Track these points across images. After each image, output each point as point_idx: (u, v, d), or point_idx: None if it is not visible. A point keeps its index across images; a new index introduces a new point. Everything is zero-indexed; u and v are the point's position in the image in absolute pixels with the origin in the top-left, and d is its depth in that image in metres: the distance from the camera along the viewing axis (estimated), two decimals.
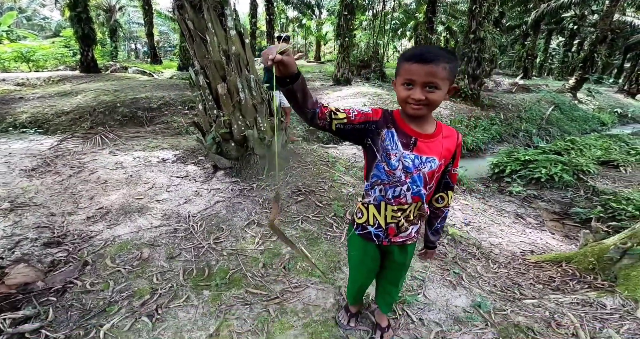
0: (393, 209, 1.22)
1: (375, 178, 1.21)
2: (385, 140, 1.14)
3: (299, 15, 28.67)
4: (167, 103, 7.82)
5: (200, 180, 3.16)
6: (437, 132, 1.17)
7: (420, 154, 1.14)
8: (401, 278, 1.53)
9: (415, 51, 1.04)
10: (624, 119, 12.81)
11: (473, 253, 2.81)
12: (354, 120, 1.10)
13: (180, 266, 2.11)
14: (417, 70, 1.01)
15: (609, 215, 4.32)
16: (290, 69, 0.92)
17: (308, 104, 1.03)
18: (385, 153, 1.14)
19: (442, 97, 1.05)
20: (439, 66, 0.99)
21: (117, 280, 1.96)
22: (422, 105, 1.05)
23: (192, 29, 3.03)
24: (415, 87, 1.03)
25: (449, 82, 1.04)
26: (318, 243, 2.46)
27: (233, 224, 2.55)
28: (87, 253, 2.16)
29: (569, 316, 1.90)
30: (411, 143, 1.14)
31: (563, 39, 26.62)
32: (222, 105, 3.07)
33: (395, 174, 1.16)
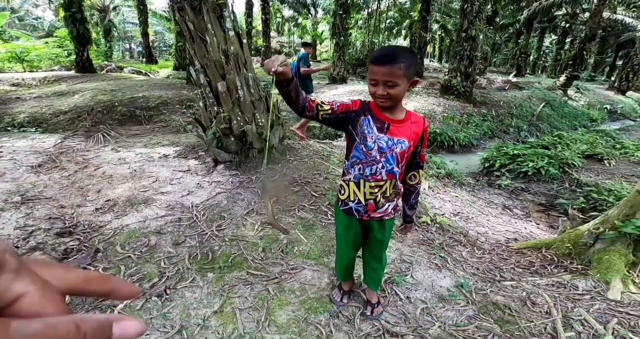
0: (370, 185, 1.43)
1: (354, 158, 1.43)
2: (363, 125, 1.36)
3: (294, 14, 28.77)
4: (165, 102, 7.91)
5: (202, 174, 3.31)
6: (406, 119, 1.38)
7: (392, 136, 1.36)
8: (383, 253, 1.72)
9: (376, 54, 1.26)
10: (614, 115, 13.09)
11: (460, 240, 2.99)
12: (336, 110, 1.33)
13: (186, 252, 2.26)
14: (377, 71, 1.23)
15: (591, 206, 4.53)
16: (287, 76, 1.15)
17: (300, 100, 1.27)
18: (362, 137, 1.36)
19: (402, 91, 1.26)
20: (394, 66, 1.20)
21: (128, 265, 2.11)
22: (385, 99, 1.27)
23: (193, 30, 3.17)
24: (378, 85, 1.25)
25: (407, 78, 1.24)
26: (314, 229, 2.63)
27: (234, 213, 2.71)
28: (98, 241, 2.31)
29: (544, 296, 2.08)
30: (385, 127, 1.35)
31: (556, 37, 26.95)
32: (222, 102, 3.23)
33: (371, 154, 1.38)
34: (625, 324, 1.84)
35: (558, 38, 26.09)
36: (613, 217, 2.64)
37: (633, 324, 1.82)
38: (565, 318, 1.90)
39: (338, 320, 1.83)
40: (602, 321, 1.87)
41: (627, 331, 1.76)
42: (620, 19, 18.68)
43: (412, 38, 15.97)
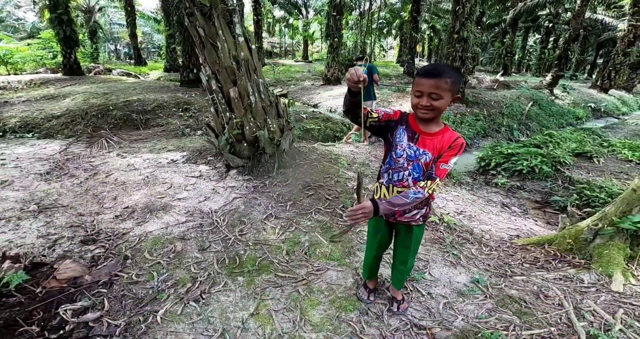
0: (398, 190, 1.53)
1: (387, 164, 1.55)
2: (397, 134, 1.48)
3: (285, 15, 28.74)
4: (161, 105, 7.84)
5: (215, 179, 3.36)
6: (439, 133, 1.45)
7: (419, 147, 1.45)
8: (409, 258, 1.80)
9: (426, 68, 1.36)
10: (597, 113, 13.58)
11: (467, 238, 3.13)
12: (381, 119, 1.45)
13: (213, 256, 2.32)
14: (424, 83, 1.32)
15: (584, 202, 4.75)
16: (365, 85, 1.25)
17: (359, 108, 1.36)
18: (395, 145, 1.48)
19: (445, 104, 1.35)
20: (441, 80, 1.29)
21: (159, 271, 2.16)
22: (428, 110, 1.35)
23: (203, 35, 3.21)
24: (423, 96, 1.33)
25: (452, 93, 1.34)
26: (331, 231, 2.71)
27: (253, 217, 2.78)
28: (125, 248, 2.35)
29: (554, 290, 2.22)
30: (415, 137, 1.46)
31: (539, 37, 27.69)
32: (234, 108, 3.28)
33: (400, 161, 1.49)
34: (631, 314, 1.99)
35: (542, 37, 26.82)
36: (610, 214, 2.81)
37: (638, 314, 1.97)
38: (577, 309, 2.05)
39: (367, 317, 1.93)
40: (610, 312, 2.02)
41: (634, 320, 1.91)
42: (600, 18, 19.38)
43: (403, 38, 16.21)
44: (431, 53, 28.05)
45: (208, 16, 3.26)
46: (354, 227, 2.56)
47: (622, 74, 15.30)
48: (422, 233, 1.75)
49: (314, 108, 9.31)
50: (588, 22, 16.80)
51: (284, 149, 3.58)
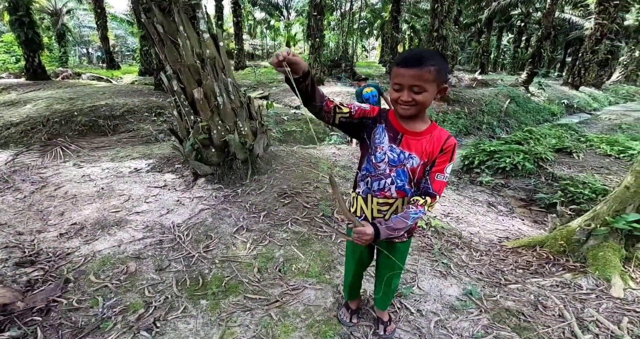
0: (378, 202, 1.29)
1: (364, 170, 1.30)
2: (376, 134, 1.23)
3: (266, 16, 28.39)
4: (132, 110, 7.45)
5: (181, 189, 3.04)
6: (425, 132, 1.21)
7: (404, 150, 1.21)
8: (394, 279, 1.57)
9: (403, 56, 1.12)
10: (571, 109, 13.94)
11: (456, 243, 2.93)
12: (354, 115, 1.21)
13: (172, 277, 2.03)
14: (403, 73, 1.09)
15: (569, 199, 4.68)
16: (302, 67, 1.01)
17: (317, 98, 1.12)
18: (373, 147, 1.24)
19: (429, 98, 1.12)
20: (423, 69, 1.06)
21: (106, 296, 1.87)
22: (410, 106, 1.13)
23: (162, 32, 2.90)
24: (403, 89, 1.11)
25: (437, 83, 1.10)
26: (310, 243, 2.46)
27: (221, 231, 2.49)
28: (67, 270, 2.04)
29: (552, 298, 2.04)
30: (398, 138, 1.21)
31: (512, 36, 28.48)
32: (199, 110, 2.98)
33: (380, 167, 1.24)
34: (636, 322, 1.83)
35: (515, 37, 27.59)
36: (603, 213, 2.67)
37: None
38: (579, 320, 1.86)
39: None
40: (615, 321, 1.85)
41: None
42: (568, 18, 20.07)
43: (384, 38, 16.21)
44: None
45: (168, 11, 2.96)
46: None
47: (591, 71, 15.79)
48: (407, 250, 1.51)
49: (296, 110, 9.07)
50: (557, 22, 17.29)
51: (257, 154, 3.29)
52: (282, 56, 0.96)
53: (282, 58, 0.96)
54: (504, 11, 18.34)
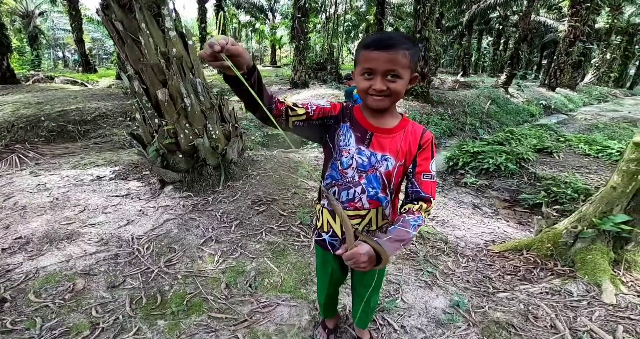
0: (348, 215, 1.09)
1: (329, 178, 1.11)
2: (340, 135, 1.05)
3: (251, 19, 28.05)
4: (104, 114, 7.11)
5: (145, 198, 2.80)
6: (398, 128, 1.05)
7: (376, 151, 1.03)
8: (372, 296, 1.39)
9: (374, 37, 0.94)
10: (548, 110, 14.26)
11: (442, 249, 2.80)
12: (312, 115, 1.02)
13: (126, 295, 1.83)
14: (376, 57, 0.91)
15: (552, 199, 4.65)
16: (245, 60, 0.80)
17: (264, 99, 0.91)
18: (339, 150, 1.06)
19: (404, 86, 0.96)
20: (398, 53, 0.90)
21: (46, 316, 1.65)
22: (384, 96, 0.96)
23: (122, 30, 2.68)
24: (376, 76, 0.93)
25: (410, 70, 0.95)
26: (285, 255, 2.26)
27: (187, 243, 2.27)
28: (4, 289, 1.81)
29: (543, 307, 1.92)
30: (367, 138, 1.03)
31: (492, 39, 29.20)
32: (164, 112, 2.75)
33: (348, 174, 1.06)
34: (632, 331, 1.72)
35: (494, 39, 28.29)
36: (589, 214, 2.59)
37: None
38: (572, 330, 1.74)
39: None
40: (609, 330, 1.73)
41: (637, 338, 1.63)
42: (543, 21, 20.70)
43: None
44: None
45: (129, 8, 2.74)
46: None
47: (566, 73, 16.23)
48: (385, 266, 1.34)
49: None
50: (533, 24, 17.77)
51: (231, 159, 3.08)
52: (219, 46, 0.73)
53: (218, 49, 0.73)
54: (483, 14, 18.72)
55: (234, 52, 0.76)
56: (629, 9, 20.71)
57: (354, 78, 1.03)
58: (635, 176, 2.34)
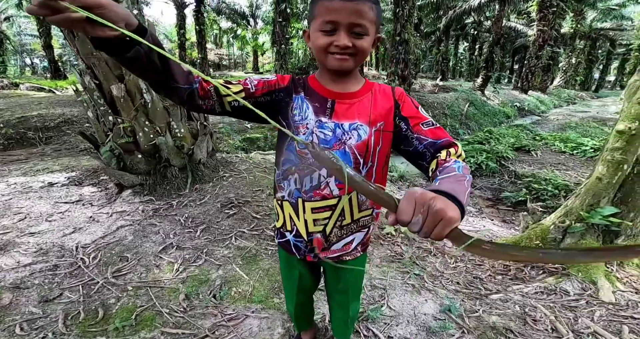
0: (314, 207, 0.88)
1: (287, 163, 0.88)
2: (294, 109, 0.86)
3: (233, 25, 27.70)
4: (69, 120, 6.75)
5: (99, 203, 2.50)
6: (364, 90, 0.87)
7: (341, 121, 0.84)
8: (350, 303, 1.16)
9: None
10: (522, 112, 14.69)
11: (428, 249, 2.63)
12: (255, 92, 0.83)
13: (60, 310, 1.57)
14: (341, 8, 0.74)
15: (534, 196, 4.63)
16: (112, 13, 0.53)
17: (177, 77, 0.69)
18: (294, 128, 0.85)
19: (370, 45, 0.80)
20: (366, 4, 0.75)
21: None
22: (348, 55, 0.79)
23: None
24: (339, 31, 0.76)
25: (375, 28, 0.79)
26: (257, 260, 2.03)
27: (143, 251, 2.01)
28: None
29: (540, 309, 1.76)
30: (327, 107, 0.84)
31: (467, 44, 30.14)
32: (121, 109, 2.47)
33: (308, 155, 0.83)
34: (638, 331, 1.58)
35: (469, 45, 29.19)
36: (576, 208, 2.48)
37: None
38: (575, 333, 1.58)
39: None
40: (614, 331, 1.59)
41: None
42: (513, 26, 21.52)
43: None
44: (378, 61, 28.86)
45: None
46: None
47: (537, 76, 16.85)
48: (363, 266, 1.11)
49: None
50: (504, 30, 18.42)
51: (199, 159, 2.82)
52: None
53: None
54: (459, 20, 19.25)
55: (91, 3, 0.50)
56: (591, 14, 21.82)
57: (307, 38, 0.84)
58: (621, 166, 2.25)
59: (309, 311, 1.36)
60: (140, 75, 0.67)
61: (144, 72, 0.65)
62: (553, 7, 14.10)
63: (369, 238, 1.02)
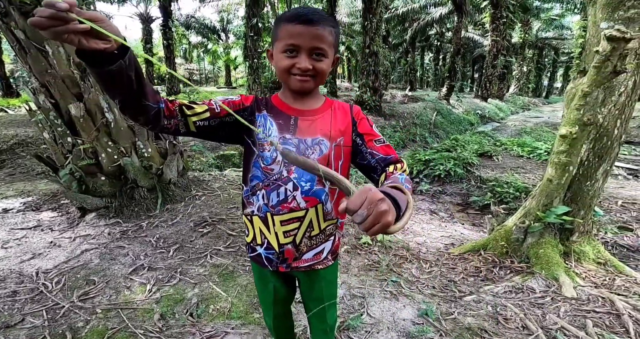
0: (282, 220, 0.92)
1: (254, 180, 0.92)
2: (258, 127, 0.90)
3: (203, 40, 27.16)
4: (24, 142, 6.34)
5: (60, 228, 2.35)
6: (324, 107, 0.93)
7: (304, 136, 0.89)
8: (328, 313, 1.17)
9: (298, 11, 0.82)
10: (484, 119, 15.56)
11: (405, 256, 2.70)
12: (220, 112, 0.86)
13: (24, 335, 1.49)
14: (302, 32, 0.80)
15: (498, 199, 4.88)
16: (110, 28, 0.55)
17: (149, 95, 0.71)
18: (259, 144, 0.90)
19: (329, 67, 0.86)
20: (325, 29, 0.81)
21: None
22: (309, 77, 0.84)
23: (24, 39, 2.29)
24: (301, 54, 0.82)
25: (334, 50, 0.86)
26: (234, 277, 1.99)
27: (111, 273, 1.92)
28: None
29: (510, 307, 1.85)
30: (291, 124, 0.89)
31: (432, 55, 31.63)
32: (80, 130, 2.36)
33: (274, 170, 0.90)
34: (601, 324, 1.70)
35: (434, 55, 30.63)
36: (533, 209, 2.64)
37: (608, 324, 1.68)
38: (544, 330, 1.67)
39: None
40: (579, 326, 1.70)
41: (608, 332, 1.60)
42: (471, 36, 22.89)
43: None
44: (350, 73, 29.46)
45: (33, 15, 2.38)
46: None
47: (494, 85, 17.93)
48: (335, 274, 1.14)
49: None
50: (464, 40, 19.62)
51: (169, 179, 2.74)
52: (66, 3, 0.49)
53: (65, 6, 0.49)
54: (423, 31, 20.21)
55: (92, 17, 0.52)
56: (536, 24, 23.66)
57: (270, 57, 0.89)
58: (567, 167, 2.41)
59: (288, 324, 1.35)
60: (115, 90, 0.66)
61: (120, 87, 0.64)
62: (503, 18, 15.18)
63: (337, 246, 1.05)
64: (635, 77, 2.26)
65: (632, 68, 2.18)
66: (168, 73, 18.27)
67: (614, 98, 2.32)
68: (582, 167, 2.47)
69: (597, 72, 1.97)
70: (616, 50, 1.82)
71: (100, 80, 0.63)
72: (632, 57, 2.13)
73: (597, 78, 1.99)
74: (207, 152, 6.37)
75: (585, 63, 2.31)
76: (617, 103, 2.32)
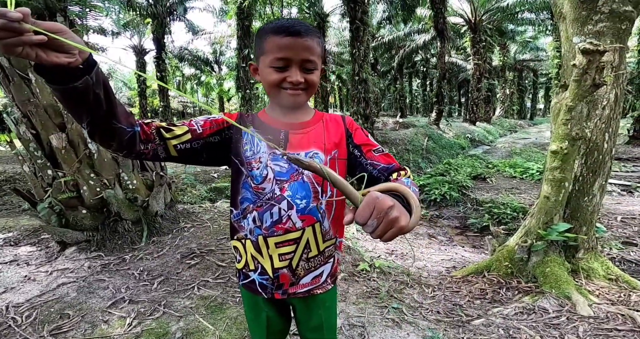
0: (278, 242, 0.83)
1: (245, 202, 0.85)
2: (245, 144, 0.83)
3: (196, 72, 27.66)
4: (11, 178, 6.25)
5: (37, 262, 2.22)
6: (315, 119, 0.89)
7: (296, 151, 0.83)
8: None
9: (282, 22, 0.79)
10: (474, 142, 15.82)
11: (405, 282, 2.56)
12: (203, 133, 0.81)
13: None
14: (291, 45, 0.76)
15: (496, 220, 4.81)
16: (71, 38, 0.50)
17: (120, 117, 0.64)
18: (247, 163, 0.83)
19: (319, 78, 0.84)
20: (314, 40, 0.79)
21: None
22: (301, 90, 0.81)
23: (8, 67, 2.29)
24: (292, 67, 0.78)
25: (322, 61, 0.85)
26: (223, 309, 1.84)
27: (88, 307, 1.79)
28: None
29: (525, 330, 1.73)
30: (281, 138, 0.83)
31: (420, 81, 32.65)
32: (61, 161, 2.29)
33: (265, 189, 0.82)
34: None
35: (421, 81, 31.60)
36: (534, 227, 2.57)
37: None
38: None
39: None
40: None
41: None
42: (454, 61, 23.72)
43: None
44: (342, 102, 30.05)
45: None
46: None
47: (481, 108, 18.31)
48: (335, 300, 1.03)
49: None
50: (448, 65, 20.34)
51: (156, 211, 2.63)
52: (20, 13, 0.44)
53: (18, 16, 0.44)
54: (409, 57, 20.90)
55: (50, 27, 0.47)
56: (513, 47, 24.61)
57: (254, 71, 0.86)
58: (562, 183, 2.36)
59: None
60: (82, 111, 0.59)
61: (87, 107, 0.58)
62: (482, 41, 15.85)
63: (336, 268, 0.96)
64: (616, 89, 2.31)
65: (611, 81, 2.23)
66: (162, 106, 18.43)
67: (598, 112, 2.35)
68: (578, 182, 2.44)
69: (578, 85, 2.00)
70: (592, 63, 1.86)
71: (63, 99, 0.57)
72: (610, 70, 2.18)
73: (579, 91, 2.02)
74: (199, 184, 6.27)
75: (565, 78, 2.36)
76: (602, 116, 2.35)
